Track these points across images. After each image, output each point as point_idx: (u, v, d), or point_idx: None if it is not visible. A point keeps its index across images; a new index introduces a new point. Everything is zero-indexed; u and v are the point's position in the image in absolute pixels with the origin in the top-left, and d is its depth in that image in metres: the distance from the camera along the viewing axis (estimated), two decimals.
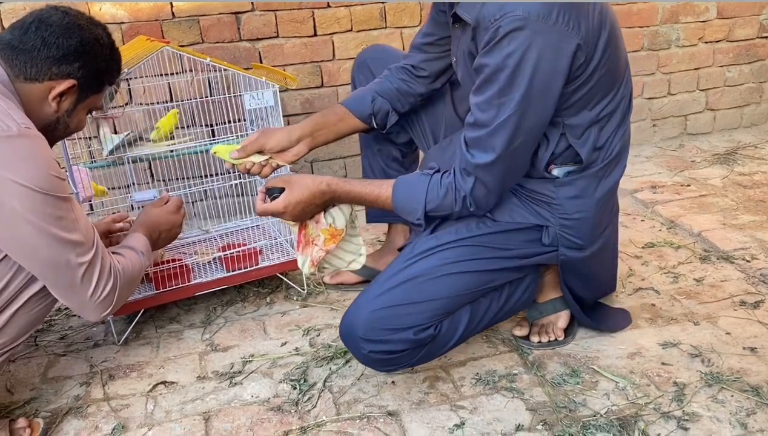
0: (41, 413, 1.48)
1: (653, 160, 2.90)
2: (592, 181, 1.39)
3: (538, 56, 1.19)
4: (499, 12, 1.20)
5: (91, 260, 1.23)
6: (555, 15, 1.18)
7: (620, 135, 1.40)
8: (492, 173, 1.31)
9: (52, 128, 1.28)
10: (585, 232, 1.42)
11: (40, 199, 1.13)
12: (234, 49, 2.33)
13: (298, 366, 1.59)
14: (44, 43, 1.20)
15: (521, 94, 1.22)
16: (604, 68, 1.28)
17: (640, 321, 1.69)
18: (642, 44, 2.88)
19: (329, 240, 1.43)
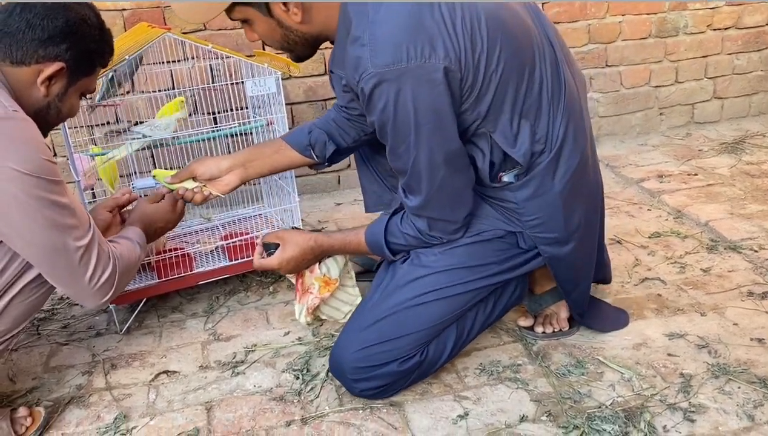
0: (43, 402, 1.48)
1: (660, 149, 2.87)
2: (545, 175, 1.32)
3: (410, 97, 1.16)
4: (355, 74, 1.18)
5: (87, 243, 1.21)
6: (404, 55, 1.13)
7: (561, 118, 1.30)
8: (432, 210, 1.31)
9: (43, 114, 1.26)
10: (558, 226, 1.37)
11: (33, 182, 1.10)
12: (237, 36, 2.31)
13: (300, 356, 1.58)
14: (29, 25, 1.17)
15: (413, 138, 1.21)
16: (500, 70, 1.21)
17: (646, 312, 1.67)
18: (649, 31, 2.84)
19: (323, 288, 1.49)
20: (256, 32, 1.28)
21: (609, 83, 2.88)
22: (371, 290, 1.43)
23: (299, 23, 1.23)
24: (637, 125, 3.01)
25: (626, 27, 2.80)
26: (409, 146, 1.22)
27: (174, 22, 2.23)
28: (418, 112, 1.17)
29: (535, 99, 1.28)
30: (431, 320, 1.36)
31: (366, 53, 1.15)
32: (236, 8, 1.21)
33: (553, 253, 1.40)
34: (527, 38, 1.27)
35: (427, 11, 1.16)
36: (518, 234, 1.39)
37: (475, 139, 1.29)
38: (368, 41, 1.15)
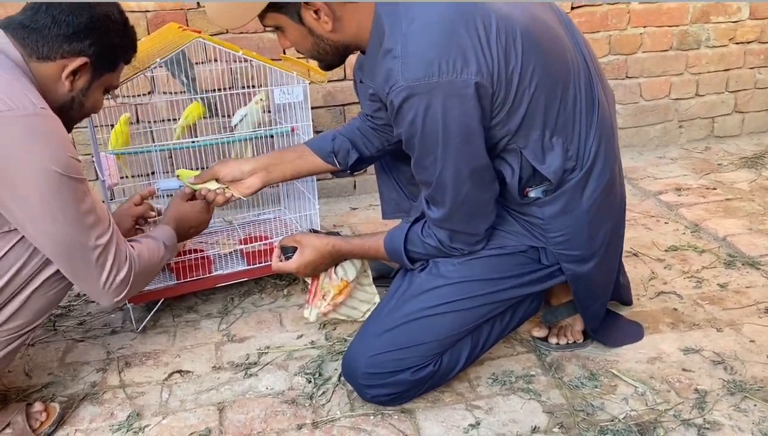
0: (58, 397, 1.49)
1: (678, 162, 2.85)
2: (574, 192, 1.31)
3: (440, 111, 1.15)
4: (385, 86, 1.17)
5: (106, 243, 1.22)
6: (436, 69, 1.13)
7: (593, 135, 1.30)
8: (454, 223, 1.31)
9: (67, 108, 1.28)
10: (582, 243, 1.36)
11: (57, 179, 1.12)
12: (258, 39, 2.32)
13: (313, 360, 1.59)
14: (54, 21, 1.19)
15: (440, 151, 1.20)
16: (533, 86, 1.20)
17: (662, 326, 1.66)
18: (671, 44, 2.83)
19: (338, 295, 1.51)
20: (288, 39, 1.28)
21: (629, 95, 2.87)
22: (387, 296, 1.43)
23: (330, 31, 1.23)
24: (655, 137, 2.99)
25: (647, 39, 2.79)
26: (435, 159, 1.22)
27: (196, 24, 2.25)
28: (447, 127, 1.17)
29: (568, 116, 1.27)
30: (447, 330, 1.35)
31: (397, 66, 1.14)
32: (268, 14, 1.21)
33: (575, 270, 1.39)
34: (562, 55, 1.26)
35: (461, 25, 1.14)
36: (541, 250, 1.38)
37: (504, 155, 1.28)
38: (400, 54, 1.15)
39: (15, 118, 1.09)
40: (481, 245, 1.36)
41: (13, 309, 1.23)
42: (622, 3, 2.70)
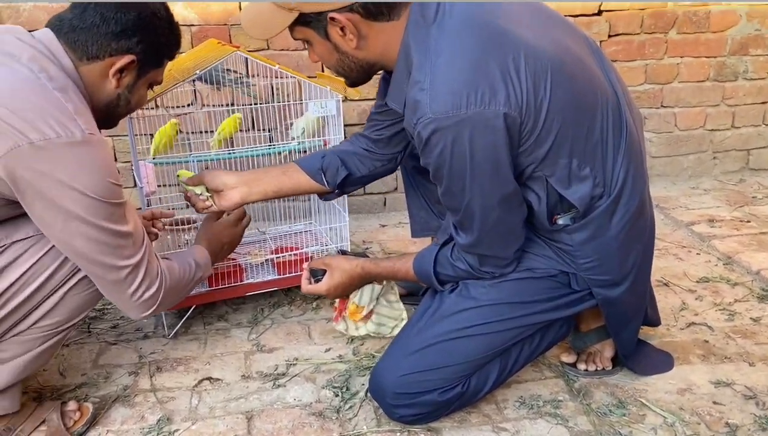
0: (90, 398, 1.53)
1: (712, 194, 2.82)
2: (603, 219, 1.31)
3: (467, 143, 1.15)
4: (413, 117, 1.18)
5: (137, 262, 1.25)
6: (464, 101, 1.12)
7: (621, 162, 1.29)
8: (483, 248, 1.31)
9: (114, 105, 1.30)
10: (613, 268, 1.36)
11: (96, 204, 1.15)
12: (298, 57, 2.37)
13: (341, 373, 1.60)
14: (103, 18, 1.21)
15: (469, 181, 1.20)
16: (561, 116, 1.20)
17: (692, 357, 1.64)
18: (708, 75, 2.82)
19: (351, 316, 1.55)
20: (315, 53, 1.30)
21: (663, 124, 2.86)
22: (416, 315, 1.43)
23: (354, 48, 1.24)
24: (689, 168, 2.98)
25: (684, 69, 2.79)
26: (464, 189, 1.22)
27: (239, 40, 2.31)
28: (475, 158, 1.17)
29: (595, 144, 1.26)
30: (475, 353, 1.36)
31: (425, 99, 1.14)
32: (297, 28, 1.24)
33: (606, 295, 1.38)
34: (590, 83, 1.26)
35: (490, 57, 1.14)
36: (571, 275, 1.38)
37: (530, 183, 1.28)
38: (428, 86, 1.15)
39: (62, 145, 1.10)
40: (511, 267, 1.36)
41: (50, 306, 1.27)
42: (659, 33, 2.70)
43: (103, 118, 1.32)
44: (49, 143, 1.09)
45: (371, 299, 1.54)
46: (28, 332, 1.27)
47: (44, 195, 1.12)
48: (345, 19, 1.18)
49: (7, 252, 1.20)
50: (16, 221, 1.22)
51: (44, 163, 1.10)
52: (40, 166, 1.10)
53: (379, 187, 2.65)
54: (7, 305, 1.21)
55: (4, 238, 1.21)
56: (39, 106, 1.10)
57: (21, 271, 1.21)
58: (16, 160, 1.08)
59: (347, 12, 1.17)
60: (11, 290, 1.21)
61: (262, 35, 1.27)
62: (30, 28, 1.23)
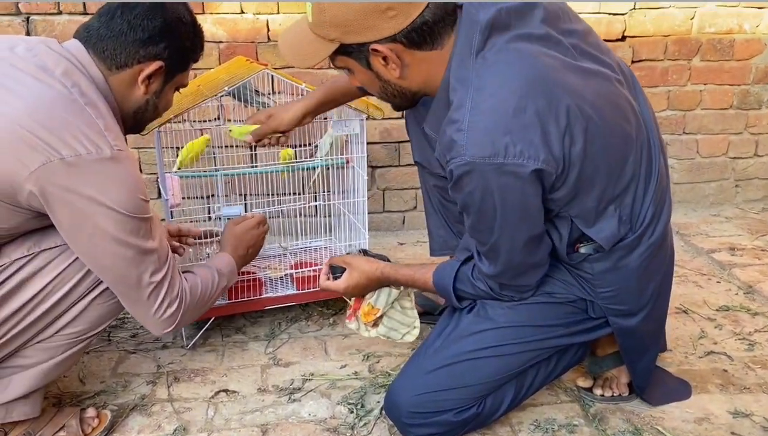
0: (109, 406, 1.55)
1: (733, 222, 2.80)
2: (625, 252, 1.30)
3: (499, 191, 1.15)
4: (447, 154, 1.16)
5: (160, 280, 1.26)
6: (501, 151, 1.11)
7: (649, 202, 1.29)
8: (505, 278, 1.31)
9: (142, 111, 1.33)
10: (631, 298, 1.35)
11: (123, 220, 1.17)
12: (323, 75, 2.40)
13: (356, 390, 1.60)
14: (130, 26, 1.23)
15: (498, 223, 1.20)
16: (594, 164, 1.19)
17: (710, 386, 1.63)
18: (731, 103, 2.81)
19: (364, 316, 1.54)
20: (357, 80, 1.29)
21: (685, 150, 2.85)
22: (433, 334, 1.44)
23: (398, 78, 1.22)
24: (711, 195, 2.96)
25: (707, 96, 2.78)
26: (491, 229, 1.22)
27: (265, 57, 2.35)
28: (506, 206, 1.17)
29: (625, 186, 1.26)
30: (492, 374, 1.36)
31: (462, 140, 1.13)
32: (338, 57, 1.23)
33: (622, 324, 1.38)
34: (627, 126, 1.25)
35: (530, 103, 1.12)
36: (589, 302, 1.38)
37: (554, 220, 1.28)
38: (466, 128, 1.13)
39: (92, 161, 1.13)
40: (531, 292, 1.36)
41: (74, 315, 1.29)
42: (683, 60, 2.71)
43: (131, 124, 1.35)
44: (79, 160, 1.12)
45: (387, 303, 1.53)
46: (51, 340, 1.29)
47: (73, 209, 1.15)
48: (387, 49, 1.16)
49: (35, 260, 1.23)
50: (44, 229, 1.24)
51: (74, 178, 1.12)
52: (70, 181, 1.12)
53: (398, 205, 2.67)
54: (32, 313, 1.24)
55: (33, 246, 1.23)
56: (71, 122, 1.13)
57: (47, 279, 1.24)
58: (48, 175, 1.11)
59: (390, 42, 1.15)
60: (37, 298, 1.24)
61: (301, 63, 1.25)
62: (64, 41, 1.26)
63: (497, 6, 1.17)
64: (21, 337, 1.25)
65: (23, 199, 1.13)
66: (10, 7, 2.17)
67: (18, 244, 1.23)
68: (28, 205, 1.15)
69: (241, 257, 1.57)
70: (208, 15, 2.29)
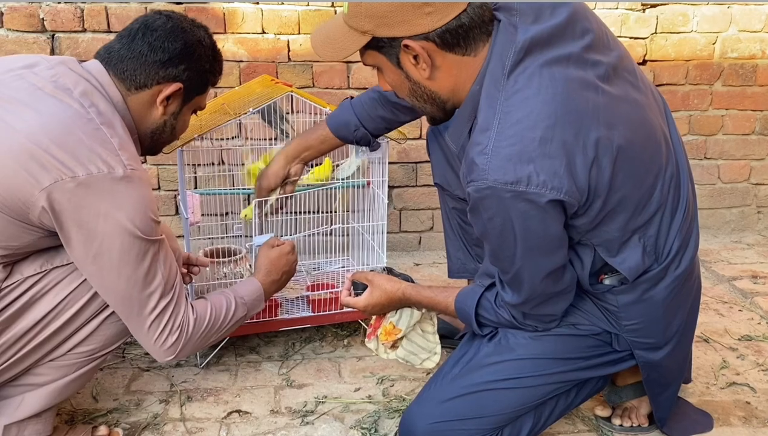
0: (121, 424, 1.54)
1: (755, 249, 2.76)
2: (651, 284, 1.27)
3: (519, 218, 1.12)
4: (468, 176, 1.13)
5: (164, 307, 1.25)
6: (525, 180, 1.08)
7: (677, 227, 1.25)
8: (530, 308, 1.28)
9: (159, 132, 1.33)
10: (657, 332, 1.32)
11: (130, 240, 1.17)
12: (342, 95, 2.41)
13: (369, 414, 1.58)
14: (151, 47, 1.24)
15: (519, 252, 1.17)
16: (619, 195, 1.16)
17: (733, 419, 1.59)
18: (753, 128, 2.78)
19: (384, 336, 1.50)
20: (386, 80, 1.26)
21: (706, 176, 2.82)
22: (451, 360, 1.41)
23: (427, 79, 1.19)
24: (732, 221, 2.92)
25: (729, 121, 2.76)
26: (513, 258, 1.18)
27: (285, 76, 2.36)
28: (526, 234, 1.14)
29: (650, 216, 1.23)
30: (510, 405, 1.32)
31: (485, 163, 1.10)
32: (368, 52, 1.21)
33: (648, 358, 1.35)
34: (657, 156, 1.23)
35: (558, 133, 1.09)
36: (614, 335, 1.35)
37: (576, 248, 1.26)
38: (490, 152, 1.10)
39: (105, 180, 1.13)
40: (555, 323, 1.33)
41: (86, 334, 1.28)
42: (704, 85, 2.69)
43: (148, 145, 1.36)
44: (91, 178, 1.12)
45: (408, 325, 1.50)
46: (64, 358, 1.29)
47: (82, 227, 1.14)
48: (419, 47, 1.13)
49: (47, 278, 1.23)
50: (57, 247, 1.24)
51: (85, 198, 1.12)
52: (81, 200, 1.12)
53: (415, 225, 2.66)
54: (44, 331, 1.23)
55: (45, 263, 1.23)
56: (85, 142, 1.13)
57: (60, 297, 1.23)
58: (58, 193, 1.11)
59: (422, 40, 1.12)
60: (49, 315, 1.23)
61: (333, 56, 1.22)
62: (87, 58, 1.28)
63: (539, 26, 1.14)
64: (33, 355, 1.25)
65: (35, 217, 1.13)
66: (36, 24, 2.21)
67: (30, 261, 1.23)
68: (40, 223, 1.15)
69: (274, 282, 1.54)
70: (230, 35, 2.31)
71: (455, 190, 1.75)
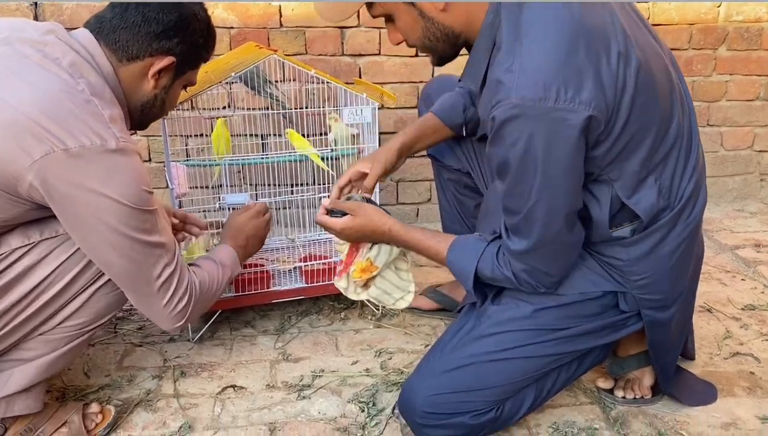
0: (113, 400, 1.51)
1: (758, 217, 2.72)
2: (662, 233, 1.24)
3: (544, 141, 1.07)
4: (492, 99, 1.09)
5: (169, 274, 1.24)
6: (553, 94, 1.05)
7: (690, 172, 1.24)
8: (535, 259, 1.21)
9: (149, 106, 1.30)
10: (665, 287, 1.29)
11: (128, 212, 1.14)
12: (336, 62, 2.35)
13: (367, 388, 1.55)
14: (145, 18, 1.20)
15: (538, 183, 1.11)
16: (640, 119, 1.14)
17: (737, 389, 1.56)
18: (758, 94, 2.72)
19: (360, 272, 1.42)
20: (398, 29, 1.23)
21: (709, 143, 2.76)
22: (451, 331, 1.37)
23: (441, 11, 1.16)
24: (734, 189, 2.87)
25: (733, 87, 2.69)
26: (530, 190, 1.13)
27: (277, 43, 2.29)
28: (549, 158, 1.09)
29: (666, 153, 1.21)
30: (512, 377, 1.29)
31: (511, 81, 1.07)
32: (375, 5, 1.18)
33: (655, 317, 1.31)
34: (671, 91, 1.21)
35: (582, 46, 1.07)
36: (621, 294, 1.31)
37: (593, 187, 1.21)
38: (517, 69, 1.07)
39: (96, 153, 1.10)
40: (555, 285, 1.28)
41: (76, 307, 1.25)
42: (708, 49, 2.62)
43: (137, 118, 1.32)
44: (83, 151, 1.09)
45: (386, 263, 1.42)
46: (53, 332, 1.26)
47: (75, 202, 1.11)
48: None
49: (36, 250, 1.19)
50: (46, 219, 1.20)
51: (77, 170, 1.09)
52: (73, 173, 1.09)
53: (413, 197, 2.61)
54: (33, 304, 1.20)
55: (33, 235, 1.20)
56: (76, 114, 1.10)
57: (48, 270, 1.20)
58: (50, 166, 1.08)
59: None
60: (38, 288, 1.20)
61: (341, 17, 1.19)
62: (72, 26, 1.22)
63: None
64: (22, 329, 1.22)
65: (24, 191, 1.10)
66: None
67: (18, 233, 1.19)
68: (29, 197, 1.12)
69: (241, 248, 1.51)
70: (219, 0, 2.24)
71: (448, 160, 1.72)
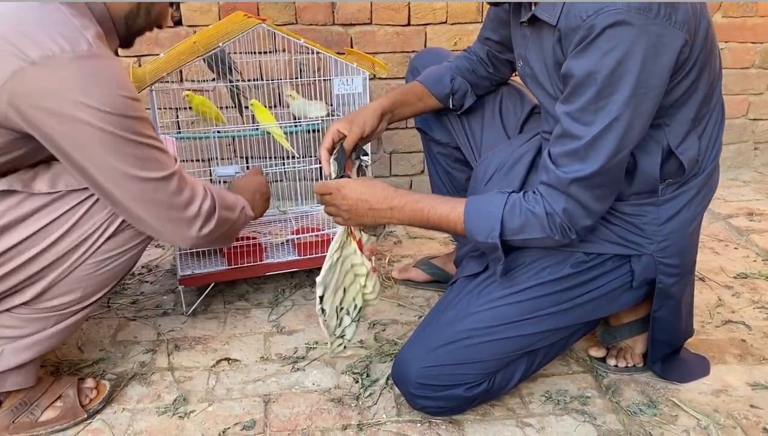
0: (108, 375, 1.51)
1: (751, 186, 2.72)
2: (690, 196, 1.27)
3: (643, 52, 1.03)
4: (593, 7, 1.04)
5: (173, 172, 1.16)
6: (656, 7, 1.02)
7: (719, 142, 1.28)
8: (590, 189, 1.13)
9: (133, 16, 1.22)
10: (684, 253, 1.30)
11: (116, 120, 1.06)
12: (326, 32, 2.31)
13: (361, 359, 1.56)
14: None
15: (626, 96, 1.06)
16: (698, 68, 1.14)
17: (728, 357, 1.57)
18: (753, 61, 2.70)
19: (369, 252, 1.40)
20: None
21: None
22: (443, 303, 1.37)
23: None
24: (728, 158, 2.86)
25: (728, 55, 2.67)
26: (612, 106, 1.07)
27: (267, 13, 2.25)
28: (642, 73, 1.05)
29: (707, 113, 1.23)
30: (505, 351, 1.29)
31: None
32: None
33: (668, 285, 1.32)
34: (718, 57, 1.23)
35: None
36: (635, 257, 1.29)
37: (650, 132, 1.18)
38: None
39: (67, 61, 1.02)
40: (585, 233, 1.22)
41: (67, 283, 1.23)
42: None
43: (123, 33, 1.24)
44: (53, 60, 1.01)
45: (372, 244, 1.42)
46: (44, 311, 1.24)
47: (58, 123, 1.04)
48: None
49: (27, 203, 1.15)
50: (36, 170, 1.16)
51: (50, 83, 1.01)
52: (46, 87, 1.01)
53: (406, 169, 2.59)
54: (18, 258, 1.16)
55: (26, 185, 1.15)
56: (42, 20, 1.03)
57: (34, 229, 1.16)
58: (20, 87, 1.01)
59: None
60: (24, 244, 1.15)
61: None
62: None
63: None
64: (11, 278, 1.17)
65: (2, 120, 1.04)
66: None
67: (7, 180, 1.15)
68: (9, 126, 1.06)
69: (249, 201, 1.44)
70: None
71: (437, 134, 1.70)
